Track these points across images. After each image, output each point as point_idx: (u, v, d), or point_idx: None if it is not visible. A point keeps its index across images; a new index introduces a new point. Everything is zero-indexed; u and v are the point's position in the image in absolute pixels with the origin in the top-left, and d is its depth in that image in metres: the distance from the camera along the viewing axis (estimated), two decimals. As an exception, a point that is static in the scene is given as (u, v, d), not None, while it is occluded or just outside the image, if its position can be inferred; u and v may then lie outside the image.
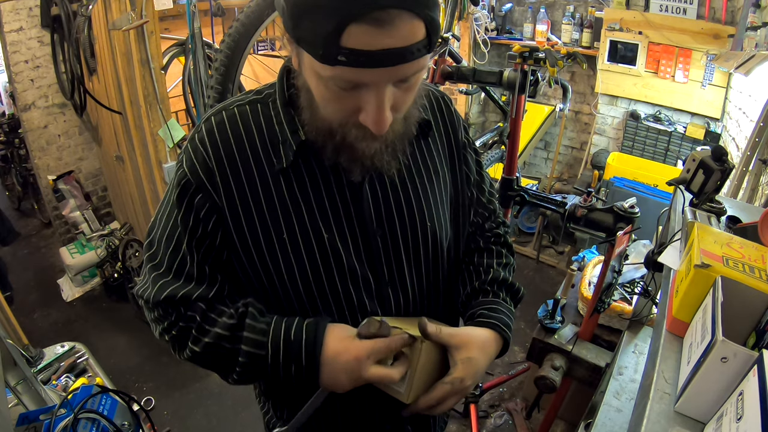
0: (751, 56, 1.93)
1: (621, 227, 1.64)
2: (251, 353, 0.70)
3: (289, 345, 0.69)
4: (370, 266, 0.77)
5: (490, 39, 3.65)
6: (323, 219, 0.72)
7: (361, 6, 0.50)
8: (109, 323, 2.96)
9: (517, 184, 2.17)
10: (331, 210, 0.73)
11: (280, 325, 0.71)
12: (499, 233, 0.94)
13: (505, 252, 0.93)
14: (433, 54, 2.16)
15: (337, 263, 0.74)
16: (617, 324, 1.74)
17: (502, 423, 2.27)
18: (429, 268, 0.83)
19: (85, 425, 0.90)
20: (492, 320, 0.81)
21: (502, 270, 0.89)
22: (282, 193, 0.70)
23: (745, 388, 0.51)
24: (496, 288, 0.87)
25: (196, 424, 2.26)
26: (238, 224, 0.71)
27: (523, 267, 3.41)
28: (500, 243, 0.93)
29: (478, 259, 0.90)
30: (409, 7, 0.52)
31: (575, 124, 3.90)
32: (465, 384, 0.72)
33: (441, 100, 0.85)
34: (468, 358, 0.72)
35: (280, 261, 0.72)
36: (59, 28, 2.69)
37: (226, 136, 0.70)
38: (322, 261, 0.73)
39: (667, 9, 2.97)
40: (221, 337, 0.70)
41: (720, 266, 0.68)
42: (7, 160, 3.98)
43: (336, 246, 0.73)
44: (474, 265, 0.90)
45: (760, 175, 1.70)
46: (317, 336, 0.70)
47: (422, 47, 0.55)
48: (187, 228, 0.70)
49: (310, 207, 0.71)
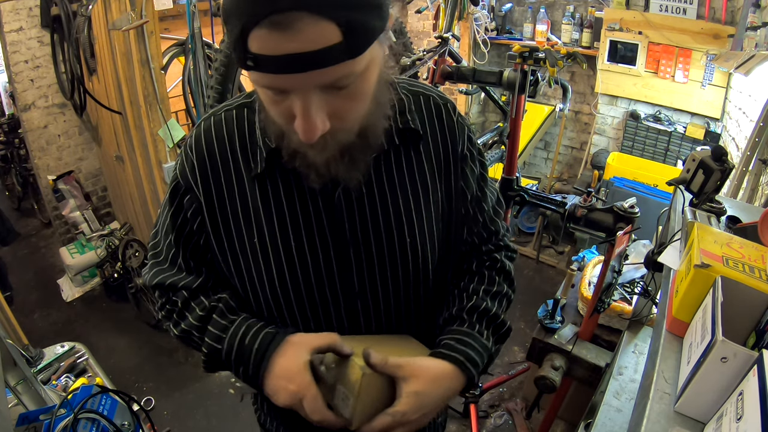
0: (751, 56, 1.93)
1: (621, 227, 1.64)
2: (212, 346, 0.74)
3: (241, 349, 0.72)
4: (341, 277, 0.74)
5: (490, 39, 3.65)
6: (294, 226, 0.72)
7: (260, 9, 0.48)
8: (109, 323, 2.96)
9: (517, 184, 2.18)
10: (303, 218, 0.71)
11: (240, 328, 0.73)
12: (496, 258, 0.86)
13: (499, 279, 0.84)
14: (433, 55, 2.16)
15: (303, 272, 0.73)
16: (617, 324, 1.74)
17: (502, 423, 2.27)
18: (409, 285, 0.79)
19: (85, 425, 0.90)
20: (454, 353, 0.73)
21: (488, 299, 0.81)
22: (256, 198, 0.72)
23: (745, 388, 0.51)
24: (474, 318, 0.79)
25: (196, 424, 2.26)
26: (216, 227, 0.74)
27: (523, 267, 3.41)
28: (495, 269, 0.85)
29: (465, 283, 0.83)
30: (313, 9, 0.48)
31: (575, 124, 3.90)
32: (408, 418, 0.66)
33: (442, 107, 0.78)
34: (415, 392, 0.66)
35: (251, 265, 0.74)
36: (59, 28, 2.69)
37: (210, 141, 0.73)
38: (288, 268, 0.73)
39: (667, 9, 2.97)
40: (192, 326, 0.76)
41: (720, 266, 0.68)
42: (7, 160, 3.99)
43: (304, 254, 0.72)
44: (459, 289, 0.83)
45: (760, 175, 1.69)
46: (268, 350, 0.70)
47: (339, 52, 0.50)
48: (176, 225, 0.76)
49: (281, 214, 0.71)
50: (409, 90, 0.77)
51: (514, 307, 3.12)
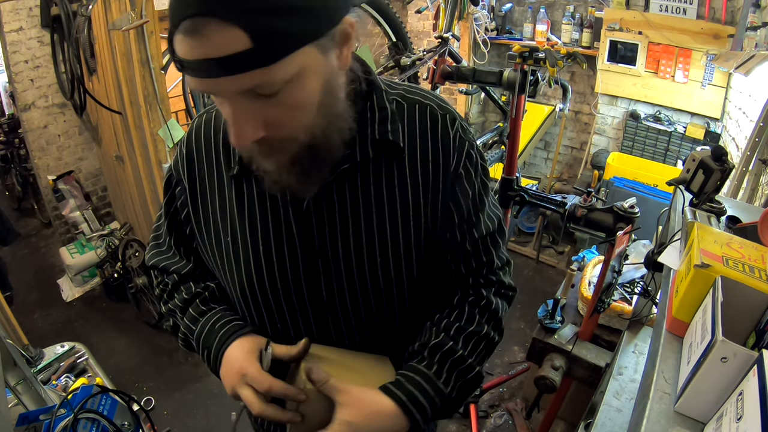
0: (751, 56, 1.93)
1: (621, 227, 1.64)
2: (188, 327, 0.79)
3: (210, 333, 0.75)
4: (309, 288, 0.72)
5: (490, 39, 3.65)
6: (263, 231, 0.71)
7: (176, 16, 0.49)
8: (109, 323, 2.96)
9: (517, 184, 2.18)
10: (273, 223, 0.70)
11: (215, 315, 0.77)
12: (482, 293, 0.77)
13: (479, 318, 0.75)
14: (433, 55, 2.16)
15: (270, 278, 0.72)
16: (617, 324, 1.74)
17: (502, 423, 2.27)
18: (381, 306, 0.74)
19: (85, 425, 0.90)
20: (399, 392, 0.67)
21: (459, 339, 0.72)
22: (232, 198, 0.73)
23: (745, 388, 0.51)
24: (436, 358, 0.71)
25: (196, 424, 2.26)
26: (198, 221, 0.77)
27: (523, 267, 3.41)
28: (479, 306, 0.76)
29: (440, 317, 0.76)
30: (219, 15, 0.47)
31: (575, 124, 3.90)
32: None
33: (439, 119, 0.71)
34: (347, 421, 0.63)
35: (224, 263, 0.76)
36: (59, 28, 2.69)
37: (199, 138, 0.75)
38: (256, 272, 0.72)
39: (667, 9, 2.97)
40: (177, 307, 0.81)
41: (720, 266, 0.68)
42: (7, 160, 3.99)
43: (271, 260, 0.71)
44: (432, 322, 0.76)
45: (760, 175, 1.69)
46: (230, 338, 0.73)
47: (248, 59, 0.48)
48: (168, 213, 0.80)
49: (252, 217, 0.71)
50: (404, 97, 0.72)
51: (514, 306, 3.11)
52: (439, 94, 0.92)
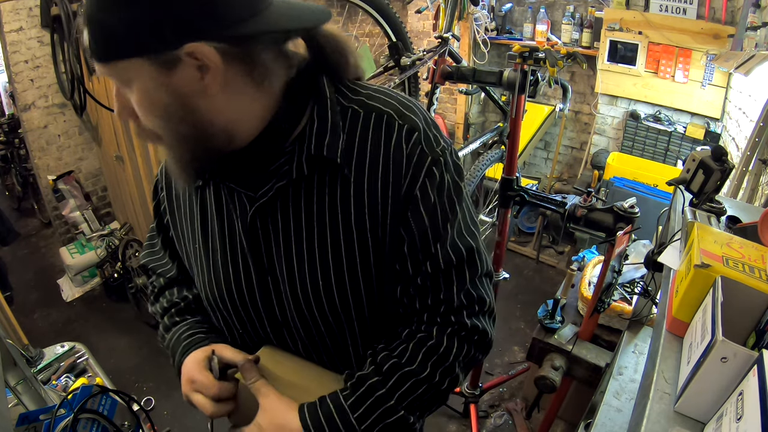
0: (751, 56, 1.92)
1: (621, 227, 1.64)
2: (162, 334, 0.84)
3: (177, 342, 0.79)
4: (264, 304, 0.72)
5: (490, 39, 3.65)
6: (221, 242, 0.72)
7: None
8: (109, 323, 2.96)
9: (517, 184, 2.17)
10: (229, 235, 0.70)
11: (186, 326, 0.81)
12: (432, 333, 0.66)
13: (422, 360, 0.65)
14: (433, 55, 2.16)
15: (228, 289, 0.73)
16: (617, 324, 1.74)
17: (502, 423, 2.27)
18: (332, 329, 0.71)
19: (85, 425, 0.90)
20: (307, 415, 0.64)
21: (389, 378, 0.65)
22: (195, 206, 0.75)
23: (745, 388, 0.51)
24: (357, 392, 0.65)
25: (196, 424, 2.26)
26: (174, 228, 0.80)
27: (523, 267, 3.41)
28: (425, 345, 0.66)
29: (381, 347, 0.69)
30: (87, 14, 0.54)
31: (575, 124, 3.90)
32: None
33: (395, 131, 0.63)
34: (259, 424, 0.65)
35: (193, 270, 0.80)
36: (59, 28, 2.69)
37: None
38: (216, 283, 0.74)
39: (667, 9, 2.97)
40: (157, 312, 0.87)
41: (720, 266, 0.68)
42: (7, 160, 3.99)
43: (228, 272, 0.72)
44: (372, 351, 0.70)
45: (760, 175, 1.69)
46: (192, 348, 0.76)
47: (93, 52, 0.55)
48: (155, 217, 0.85)
49: (212, 227, 0.73)
50: (364, 104, 0.65)
51: (514, 307, 3.14)
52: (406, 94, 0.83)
